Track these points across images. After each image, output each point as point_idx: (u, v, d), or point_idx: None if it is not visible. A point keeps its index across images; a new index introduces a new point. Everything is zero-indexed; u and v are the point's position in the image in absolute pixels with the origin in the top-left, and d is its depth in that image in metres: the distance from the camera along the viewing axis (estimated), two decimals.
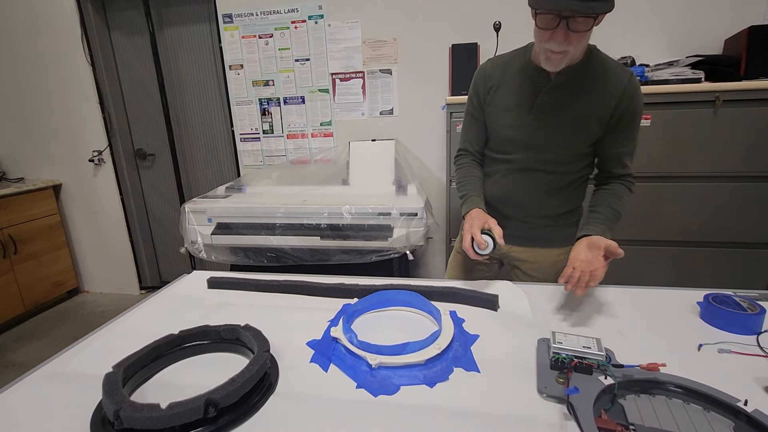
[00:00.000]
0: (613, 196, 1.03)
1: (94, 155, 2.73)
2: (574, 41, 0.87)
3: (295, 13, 2.31)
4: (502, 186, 1.12)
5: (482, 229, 0.98)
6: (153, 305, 1.02)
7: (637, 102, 0.98)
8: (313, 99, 2.44)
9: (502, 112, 1.06)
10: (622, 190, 1.04)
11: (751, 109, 1.64)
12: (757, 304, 0.81)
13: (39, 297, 2.69)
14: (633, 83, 0.96)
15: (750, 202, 1.73)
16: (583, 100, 0.97)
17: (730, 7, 1.91)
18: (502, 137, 1.08)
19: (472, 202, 1.08)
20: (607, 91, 0.96)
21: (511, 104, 1.04)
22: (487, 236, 0.97)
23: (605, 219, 0.99)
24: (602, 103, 0.97)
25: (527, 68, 1.01)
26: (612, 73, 0.97)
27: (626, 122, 0.99)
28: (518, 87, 1.03)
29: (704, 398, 0.60)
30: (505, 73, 1.05)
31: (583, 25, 0.84)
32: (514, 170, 1.08)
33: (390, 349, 0.72)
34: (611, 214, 1.00)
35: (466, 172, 1.16)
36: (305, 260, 1.87)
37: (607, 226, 0.98)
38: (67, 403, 0.66)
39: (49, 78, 2.65)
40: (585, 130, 1.00)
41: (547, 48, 0.89)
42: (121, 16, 2.63)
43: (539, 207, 1.10)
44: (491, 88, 1.07)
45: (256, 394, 0.65)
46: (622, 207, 1.03)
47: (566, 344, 0.70)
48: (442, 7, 2.17)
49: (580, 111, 0.98)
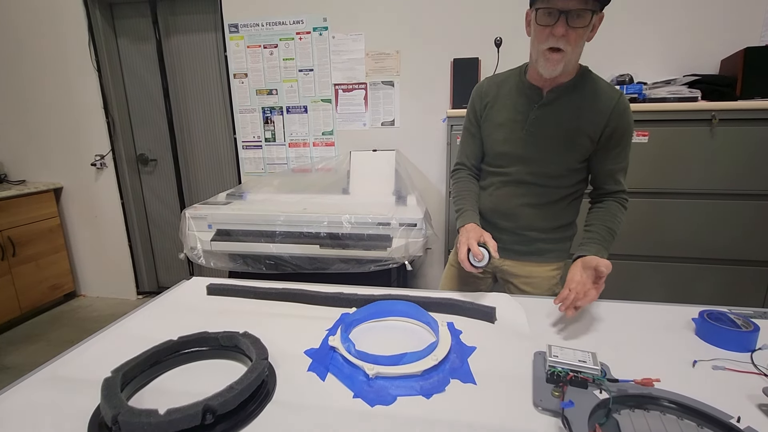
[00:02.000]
0: (607, 213, 1.05)
1: (97, 159, 2.74)
2: (572, 40, 0.90)
3: (300, 24, 2.36)
4: (496, 198, 1.14)
5: (477, 242, 1.00)
6: (152, 310, 1.03)
7: (626, 121, 1.00)
8: (315, 109, 2.47)
9: (497, 127, 1.09)
10: (615, 207, 1.06)
11: (746, 128, 1.67)
12: (752, 321, 0.82)
13: (35, 300, 2.69)
14: (622, 102, 0.99)
15: (746, 219, 1.75)
16: (573, 117, 1.01)
17: (727, 29, 1.95)
18: (497, 151, 1.11)
19: (467, 217, 1.11)
20: (597, 109, 0.99)
21: (505, 119, 1.08)
22: (483, 249, 0.99)
23: (600, 238, 1.01)
24: (592, 120, 1.00)
25: (522, 86, 1.06)
26: (602, 92, 1.00)
27: (616, 140, 1.01)
28: (513, 103, 1.07)
29: (698, 414, 0.61)
30: (500, 90, 1.10)
31: (581, 20, 0.88)
32: (508, 183, 1.11)
33: (387, 360, 0.73)
34: (605, 233, 1.02)
35: (462, 186, 1.19)
36: (304, 268, 1.88)
37: (601, 245, 1.00)
38: (64, 408, 0.66)
39: (54, 82, 2.68)
40: (575, 145, 1.03)
41: (546, 48, 0.92)
42: (129, 23, 2.68)
43: (532, 219, 1.12)
44: (487, 105, 1.11)
45: (253, 402, 0.65)
46: (617, 224, 1.04)
47: (562, 358, 0.71)
48: (445, 22, 2.21)
49: (570, 127, 1.01)
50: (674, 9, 1.98)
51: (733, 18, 1.94)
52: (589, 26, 0.90)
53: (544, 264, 1.16)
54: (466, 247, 1.00)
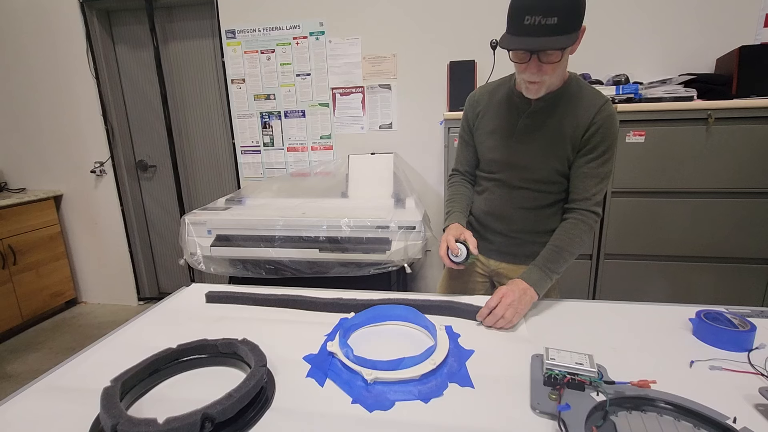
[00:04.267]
0: (563, 231, 1.05)
1: (96, 166, 2.75)
2: (548, 71, 0.93)
3: (297, 29, 2.37)
4: (489, 201, 1.18)
5: (457, 239, 1.06)
6: (151, 318, 1.03)
7: (608, 126, 0.99)
8: (313, 113, 2.47)
9: (488, 135, 1.13)
10: (574, 225, 1.04)
11: (742, 126, 1.68)
12: (748, 321, 0.82)
13: (37, 308, 2.69)
14: (607, 109, 1.00)
15: (742, 217, 1.75)
16: (558, 123, 1.03)
17: (722, 27, 1.96)
18: (488, 158, 1.15)
19: (452, 218, 1.16)
20: (580, 114, 1.01)
21: (496, 128, 1.12)
22: (462, 245, 1.04)
23: (539, 260, 1.02)
24: (575, 124, 1.01)
25: (511, 95, 1.09)
26: (587, 98, 1.02)
27: (594, 144, 1.00)
28: (503, 112, 1.11)
29: (694, 415, 0.61)
30: (492, 99, 1.13)
31: (553, 56, 0.90)
32: (500, 187, 1.15)
33: (385, 365, 0.73)
34: (551, 253, 1.03)
35: (455, 191, 1.25)
36: (304, 272, 1.88)
37: (538, 269, 1.00)
38: (64, 417, 0.67)
39: (53, 90, 2.69)
40: (559, 149, 1.04)
41: (524, 78, 0.96)
42: (126, 30, 2.69)
43: (523, 222, 1.15)
44: (479, 113, 1.15)
45: (252, 409, 0.66)
46: (570, 242, 1.03)
47: (559, 360, 0.71)
48: (441, 25, 2.22)
49: (554, 132, 1.04)
50: (669, 8, 1.99)
51: (727, 17, 1.95)
52: (563, 57, 0.92)
53: None
54: (446, 244, 1.06)
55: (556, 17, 0.83)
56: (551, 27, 0.84)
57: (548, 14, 0.83)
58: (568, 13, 0.84)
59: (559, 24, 0.84)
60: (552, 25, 0.84)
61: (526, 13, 0.85)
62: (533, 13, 0.84)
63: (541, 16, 0.84)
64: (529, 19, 0.85)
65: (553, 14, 0.83)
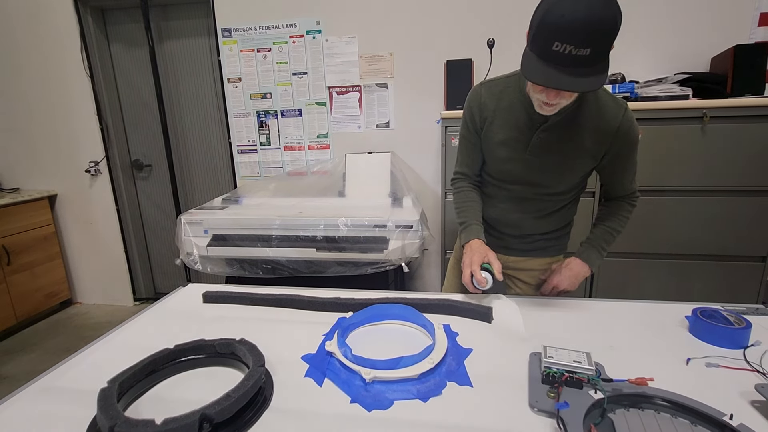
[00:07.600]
0: (610, 214, 1.12)
1: (91, 166, 2.73)
2: (566, 96, 0.86)
3: (294, 28, 2.36)
4: (500, 210, 1.17)
5: (482, 263, 1.01)
6: (148, 318, 1.02)
7: (632, 137, 0.99)
8: (310, 112, 2.47)
9: (498, 145, 1.06)
10: (617, 206, 1.11)
11: (737, 125, 1.69)
12: (744, 318, 0.83)
13: (31, 308, 2.67)
14: (627, 118, 0.97)
15: (737, 216, 1.77)
16: (577, 138, 0.98)
17: (717, 27, 1.97)
18: (499, 168, 1.10)
19: (472, 232, 1.10)
20: (602, 130, 0.97)
21: (508, 138, 1.04)
22: (487, 273, 0.99)
23: (597, 242, 1.11)
24: (596, 140, 0.98)
25: (523, 101, 1.00)
26: (605, 110, 0.96)
27: (625, 156, 1.02)
28: (515, 121, 1.02)
29: (691, 412, 0.62)
30: (499, 103, 1.04)
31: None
32: (511, 198, 1.13)
33: (384, 364, 0.73)
34: (605, 233, 1.10)
35: (464, 197, 1.18)
36: (301, 272, 1.88)
37: (596, 249, 1.10)
38: (61, 419, 0.66)
39: (48, 89, 2.66)
40: (579, 165, 1.03)
41: (540, 99, 0.89)
42: (121, 29, 2.67)
43: (534, 227, 1.16)
44: (486, 119, 1.07)
45: (250, 410, 0.65)
46: (619, 222, 1.10)
47: (557, 358, 0.71)
48: (438, 23, 2.22)
49: (574, 149, 1.00)
50: (665, 8, 2.00)
51: (722, 16, 1.96)
52: None
53: (545, 257, 1.22)
54: (470, 270, 1.00)
55: (590, 49, 0.74)
56: (582, 59, 0.75)
57: (582, 46, 0.73)
58: (603, 44, 0.75)
59: (590, 56, 0.75)
60: (583, 57, 0.74)
61: (557, 39, 0.74)
62: (565, 41, 0.74)
63: (573, 46, 0.74)
64: (559, 46, 0.74)
65: (587, 46, 0.73)
